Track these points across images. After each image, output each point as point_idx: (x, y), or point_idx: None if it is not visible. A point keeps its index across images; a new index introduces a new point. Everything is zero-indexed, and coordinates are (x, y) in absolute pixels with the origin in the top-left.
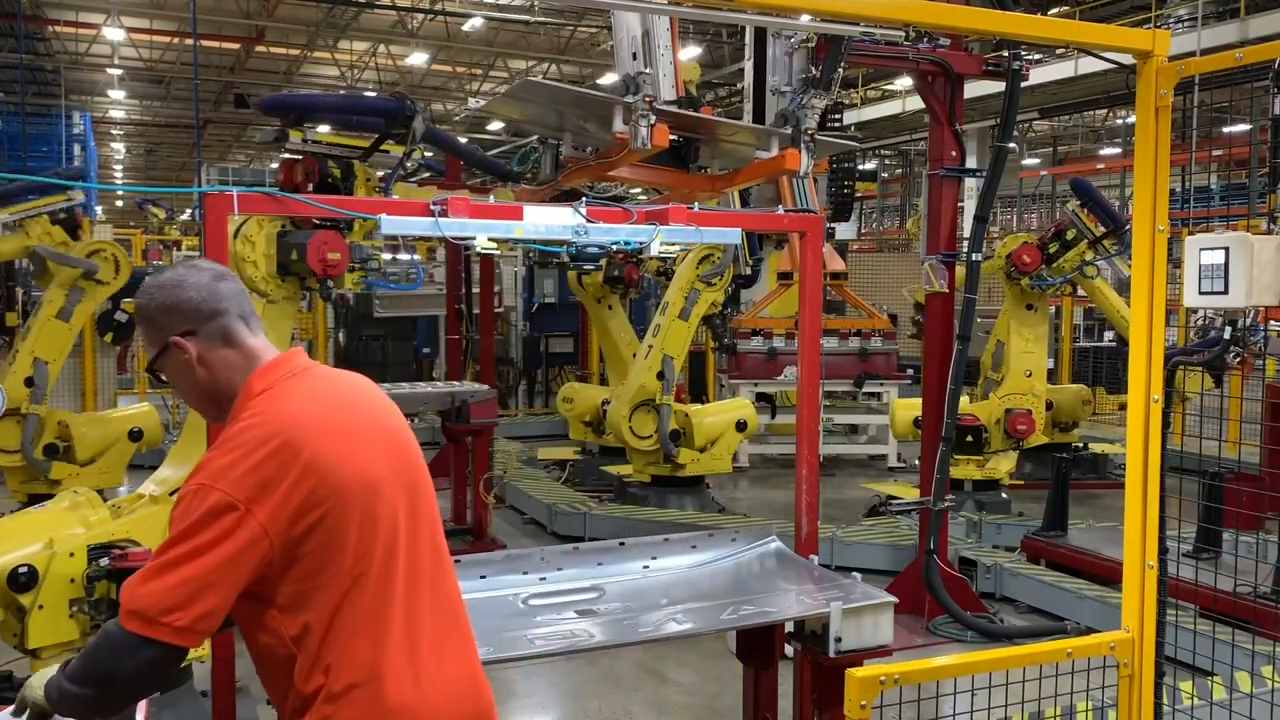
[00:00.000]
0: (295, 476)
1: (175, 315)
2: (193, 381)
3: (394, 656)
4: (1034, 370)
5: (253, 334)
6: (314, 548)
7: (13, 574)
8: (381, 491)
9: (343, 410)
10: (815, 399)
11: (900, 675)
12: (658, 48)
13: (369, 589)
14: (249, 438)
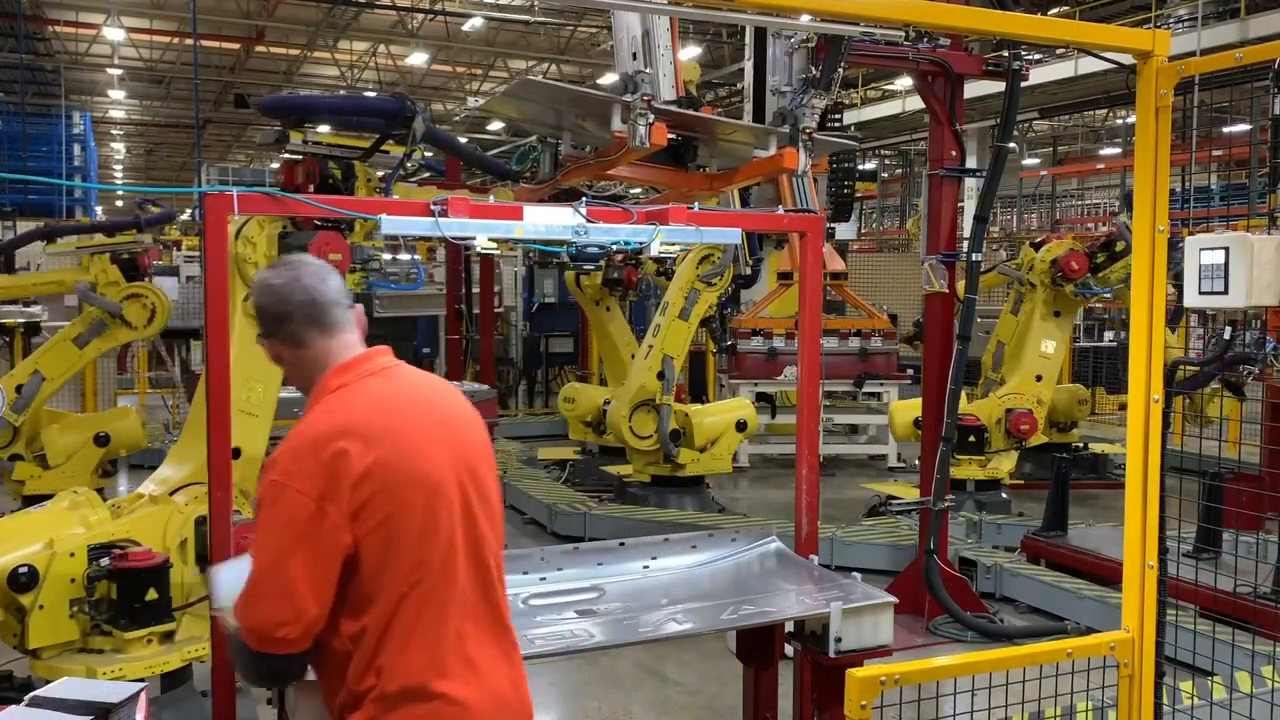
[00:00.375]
0: (357, 477)
1: (257, 318)
2: (285, 372)
3: (445, 663)
4: (1045, 376)
5: (325, 334)
6: (374, 550)
7: (13, 574)
8: (444, 499)
9: (413, 414)
10: (815, 399)
11: (900, 675)
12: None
13: (426, 595)
14: (318, 433)
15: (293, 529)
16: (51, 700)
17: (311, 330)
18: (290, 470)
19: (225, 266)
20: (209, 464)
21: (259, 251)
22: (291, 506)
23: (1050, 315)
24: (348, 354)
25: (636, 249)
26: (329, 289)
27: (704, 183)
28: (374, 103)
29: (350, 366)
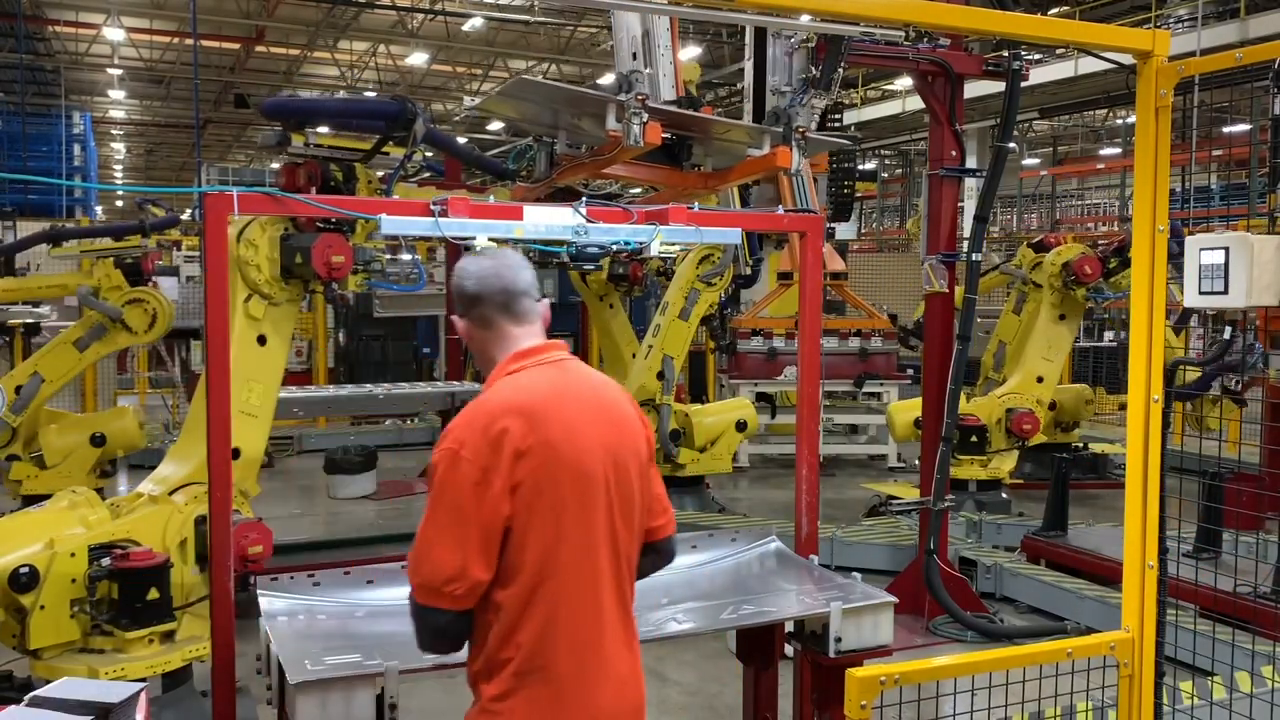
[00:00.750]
0: (518, 453)
1: (455, 297)
2: (471, 349)
3: (577, 647)
4: (1046, 378)
5: (513, 321)
6: (524, 527)
7: (14, 574)
8: (594, 490)
9: (576, 405)
10: (815, 399)
11: (900, 675)
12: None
13: (566, 578)
14: (489, 409)
15: (462, 494)
16: (51, 700)
17: (501, 315)
18: (462, 439)
19: (225, 266)
20: (209, 464)
21: (261, 254)
22: (461, 473)
23: (1056, 318)
24: (529, 342)
25: (637, 249)
26: (521, 281)
27: (699, 181)
28: (375, 105)
29: (529, 353)
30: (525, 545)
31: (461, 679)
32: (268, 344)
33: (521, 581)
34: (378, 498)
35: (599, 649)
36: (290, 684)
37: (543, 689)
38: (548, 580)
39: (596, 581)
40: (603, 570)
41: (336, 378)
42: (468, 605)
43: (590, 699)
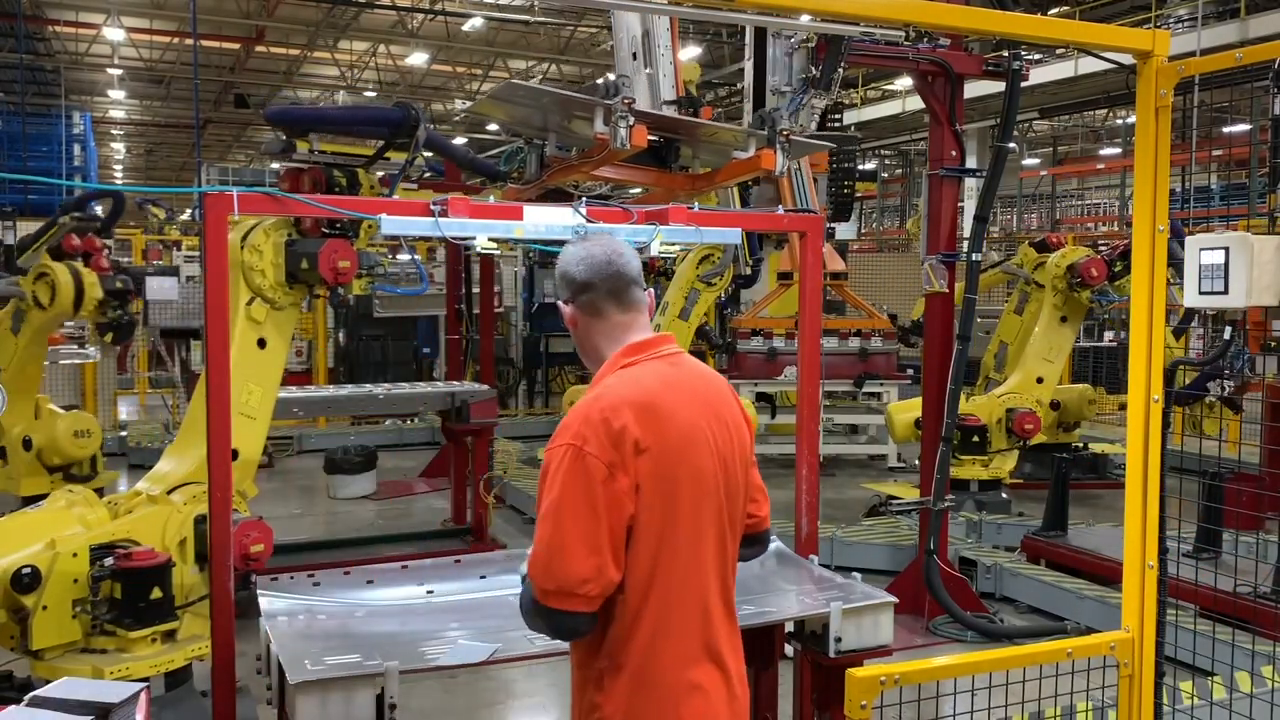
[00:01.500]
0: (639, 450)
1: (561, 283)
2: (574, 336)
3: (693, 649)
4: (1046, 378)
5: (621, 310)
6: (642, 524)
7: (16, 575)
8: (707, 489)
9: (692, 404)
10: (815, 399)
11: (900, 675)
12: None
13: (679, 577)
14: (609, 403)
15: (590, 491)
16: (51, 700)
17: (610, 303)
18: (584, 435)
19: (225, 266)
20: (209, 464)
21: (265, 259)
22: (588, 470)
23: (1058, 320)
24: (639, 334)
25: (637, 248)
26: (632, 268)
27: (686, 183)
28: (379, 113)
29: (643, 346)
30: (641, 543)
31: (462, 679)
32: (268, 347)
33: (637, 582)
34: (378, 498)
35: (715, 654)
36: (290, 684)
37: (660, 694)
38: (660, 580)
39: (708, 584)
40: (711, 572)
41: (336, 378)
42: (598, 606)
43: (708, 704)
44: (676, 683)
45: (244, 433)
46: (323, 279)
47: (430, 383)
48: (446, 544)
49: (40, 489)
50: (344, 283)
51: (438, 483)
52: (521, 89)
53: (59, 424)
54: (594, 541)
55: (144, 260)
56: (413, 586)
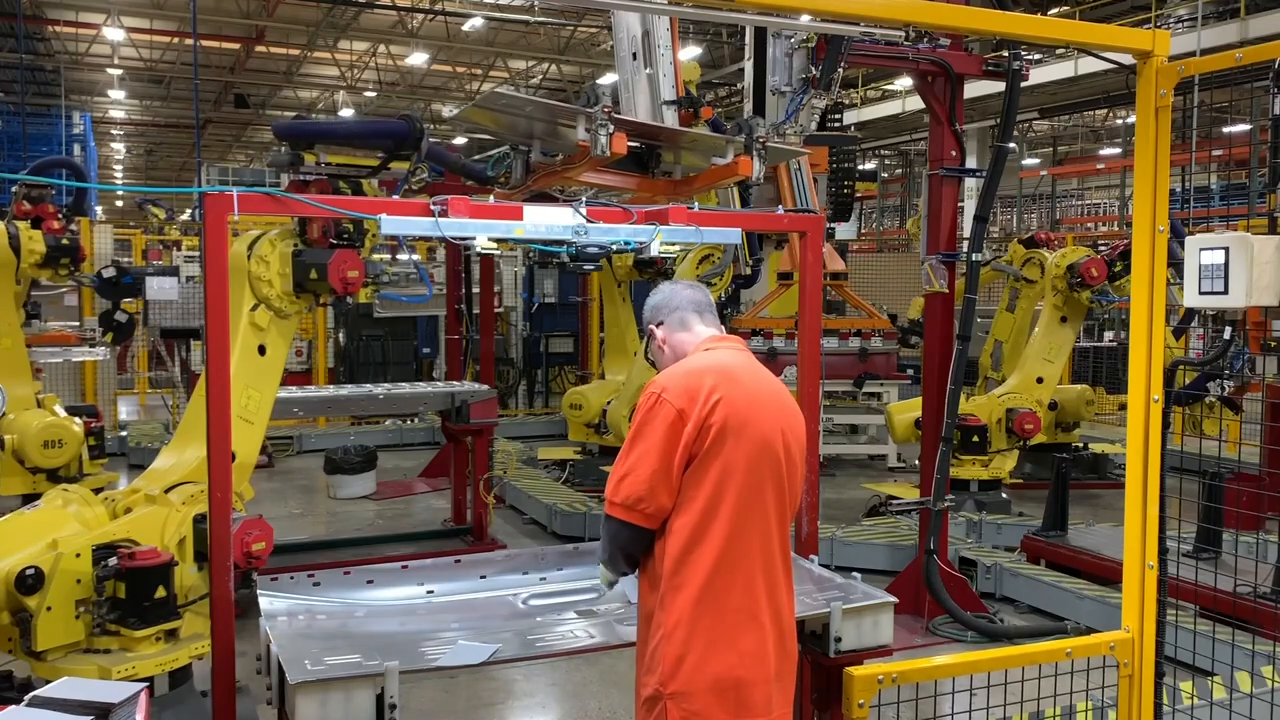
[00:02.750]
0: (712, 404)
1: (653, 313)
2: (662, 358)
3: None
4: (1046, 379)
5: (703, 322)
6: (702, 469)
7: (20, 576)
8: (769, 456)
9: (758, 381)
10: (815, 399)
11: (899, 674)
12: (658, 48)
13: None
14: (693, 365)
15: (662, 429)
16: (51, 700)
17: (693, 317)
18: (666, 384)
19: (225, 266)
20: (209, 465)
21: (272, 269)
22: (664, 413)
23: (1058, 320)
24: (712, 333)
25: (636, 249)
26: (705, 297)
27: (667, 188)
28: (384, 126)
29: (721, 339)
30: (707, 479)
31: (462, 679)
32: (268, 354)
33: (702, 511)
34: (378, 498)
35: (766, 590)
36: (290, 684)
37: (712, 607)
38: (724, 515)
39: (766, 525)
40: (771, 519)
41: (336, 378)
42: (655, 524)
43: (749, 630)
44: (740, 608)
45: (242, 436)
46: (332, 289)
47: (430, 383)
48: (446, 544)
49: (19, 489)
50: (353, 292)
51: (438, 483)
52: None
53: (31, 428)
54: (654, 470)
55: (144, 260)
56: (413, 586)
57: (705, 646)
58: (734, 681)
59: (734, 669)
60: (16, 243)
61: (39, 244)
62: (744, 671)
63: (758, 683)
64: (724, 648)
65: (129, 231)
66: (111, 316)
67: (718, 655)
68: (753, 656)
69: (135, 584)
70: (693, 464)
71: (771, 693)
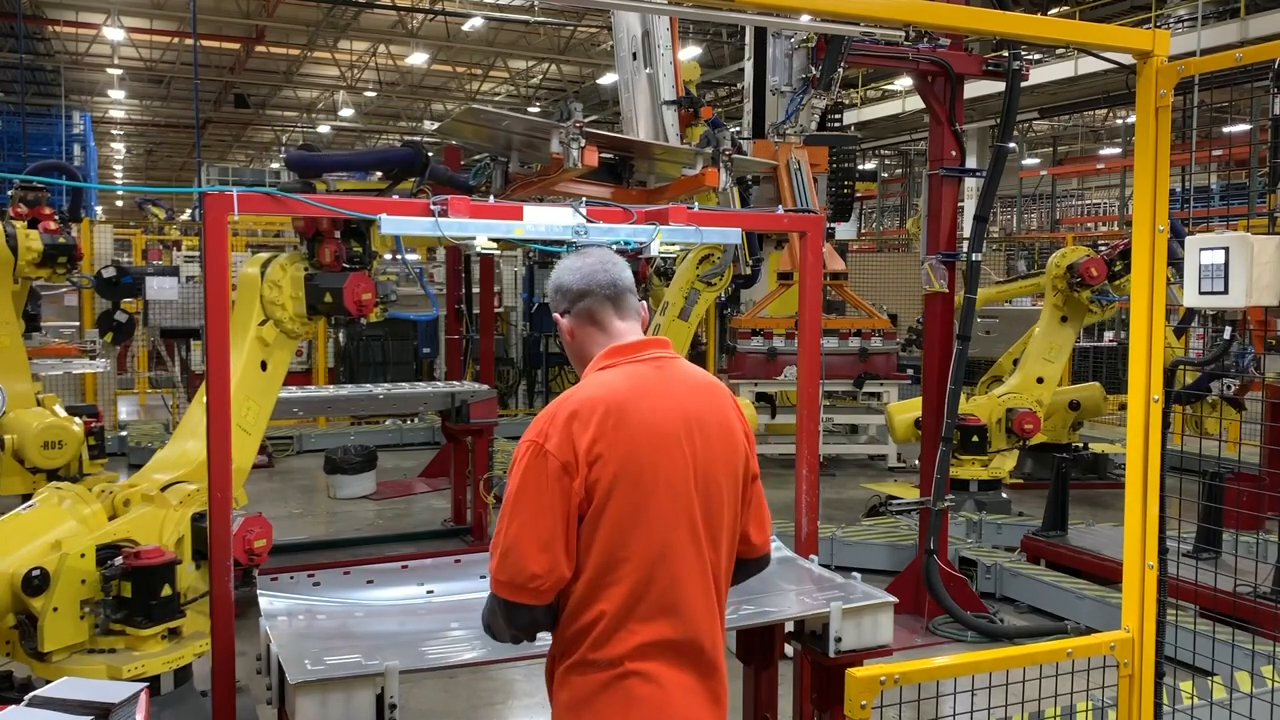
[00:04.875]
0: (594, 453)
1: (557, 296)
2: (570, 350)
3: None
4: (1046, 379)
5: (618, 315)
6: (591, 527)
7: (27, 577)
8: (675, 500)
9: (666, 408)
10: (815, 399)
11: (900, 675)
12: (657, 48)
13: (634, 583)
14: (574, 405)
15: (546, 488)
16: (51, 700)
17: (606, 308)
18: (547, 433)
19: (225, 266)
20: (209, 465)
21: (285, 293)
22: (546, 467)
23: (1058, 320)
24: (629, 339)
25: (636, 249)
26: (626, 277)
27: (641, 198)
28: (393, 155)
29: (625, 350)
30: (600, 536)
31: (462, 679)
32: (269, 369)
33: (594, 573)
34: (378, 498)
35: (671, 643)
36: (290, 684)
37: (598, 678)
38: (620, 574)
39: (672, 580)
40: (682, 571)
41: (336, 378)
42: (550, 600)
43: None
44: (633, 675)
45: (239, 445)
46: (347, 311)
47: (430, 383)
48: (446, 544)
49: (19, 489)
50: (366, 314)
51: (438, 483)
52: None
53: (31, 428)
54: (546, 538)
55: (144, 260)
56: (413, 586)
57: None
58: None
59: None
60: (14, 242)
61: (36, 243)
62: None
63: None
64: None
65: (129, 231)
66: (111, 316)
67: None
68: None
69: (141, 583)
70: (584, 521)
71: None
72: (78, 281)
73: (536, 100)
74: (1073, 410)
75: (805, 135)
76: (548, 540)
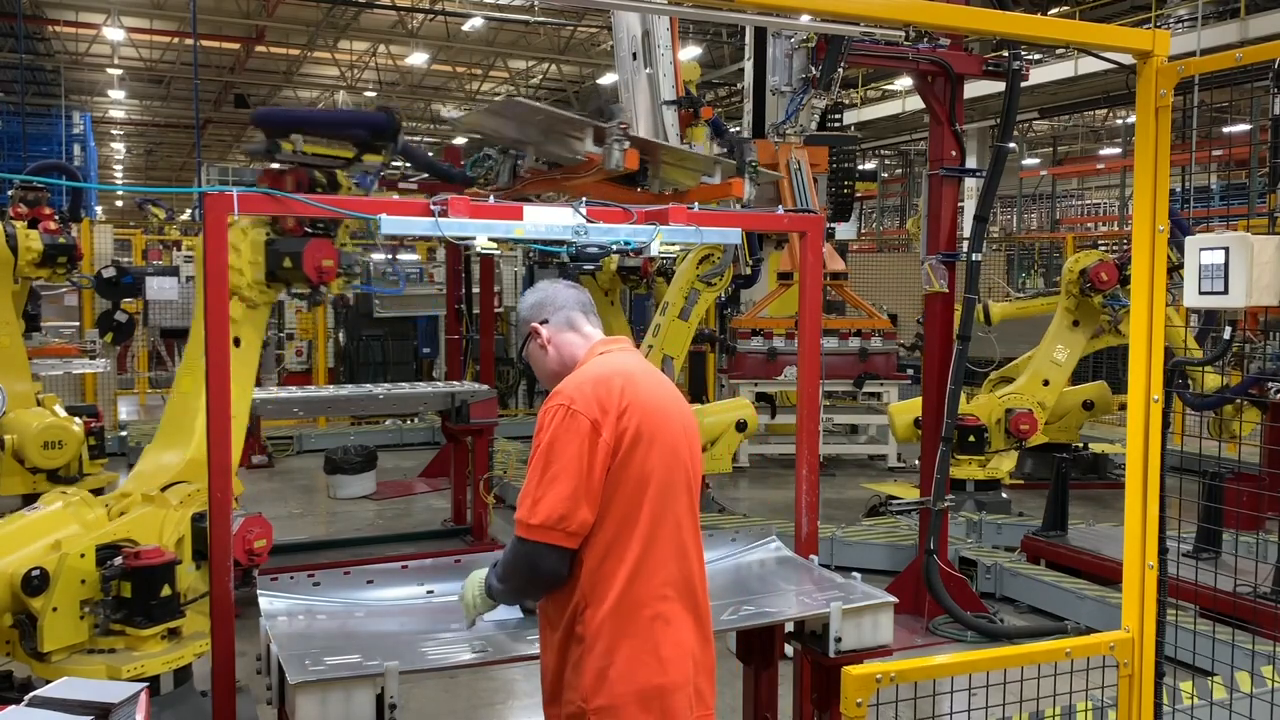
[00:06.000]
0: (622, 410)
1: (534, 315)
2: (546, 359)
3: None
4: (1053, 381)
5: (591, 323)
6: (617, 479)
7: (26, 577)
8: (679, 461)
9: (658, 385)
10: (815, 399)
11: (897, 674)
12: (657, 48)
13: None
14: (598, 372)
15: (576, 443)
16: (51, 700)
17: (580, 317)
18: (574, 396)
19: (225, 266)
20: (209, 465)
21: (244, 258)
22: (576, 424)
23: (1070, 324)
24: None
25: (636, 249)
26: (587, 297)
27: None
28: (363, 116)
29: (612, 342)
30: (620, 489)
31: (462, 679)
32: (243, 345)
33: (616, 521)
34: (378, 498)
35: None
36: (290, 684)
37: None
38: (638, 522)
39: (679, 531)
40: (684, 523)
41: (336, 378)
42: (577, 545)
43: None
44: (658, 615)
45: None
46: (306, 278)
47: (430, 383)
48: (446, 544)
49: (19, 489)
50: (326, 281)
51: (438, 483)
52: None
53: (30, 429)
54: (575, 485)
55: (144, 260)
56: (413, 586)
57: (627, 657)
58: (657, 690)
59: (656, 677)
60: (13, 242)
61: (35, 242)
62: (666, 678)
63: (681, 687)
64: (646, 657)
65: (129, 231)
66: (111, 316)
67: (641, 665)
68: (674, 662)
69: (141, 583)
70: (608, 474)
71: (691, 695)
72: (78, 281)
73: (536, 100)
74: (1087, 410)
75: (805, 135)
76: (580, 488)
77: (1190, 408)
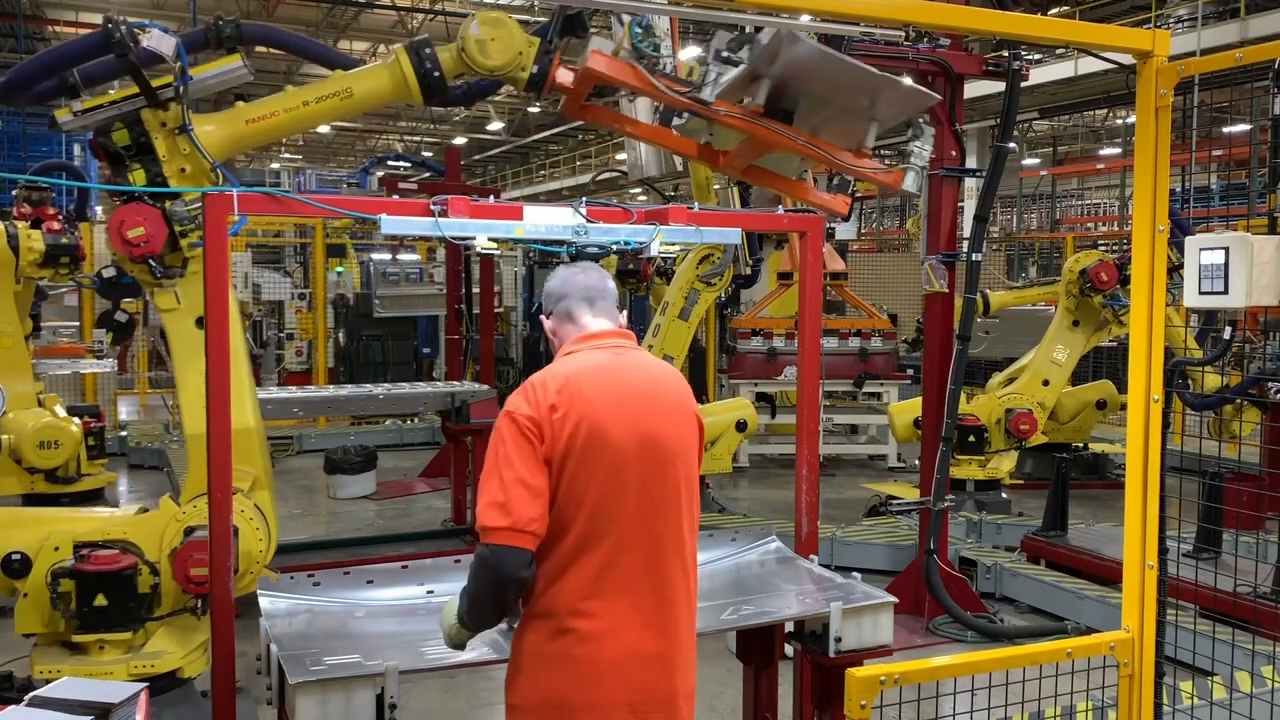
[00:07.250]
0: (558, 419)
1: (544, 301)
2: (552, 347)
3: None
4: (1053, 381)
5: (592, 314)
6: (557, 483)
7: (6, 559)
8: (626, 466)
9: (616, 386)
10: (815, 399)
11: (900, 675)
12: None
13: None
14: (541, 378)
15: (518, 445)
16: (51, 700)
17: (581, 307)
18: (514, 404)
19: (226, 266)
20: (209, 465)
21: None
22: (520, 432)
23: (1070, 324)
24: (596, 329)
25: (637, 249)
26: (607, 285)
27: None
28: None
29: (590, 337)
30: (562, 496)
31: (462, 679)
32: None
33: (554, 533)
34: (378, 498)
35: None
36: (290, 684)
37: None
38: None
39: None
40: (632, 546)
41: (336, 378)
42: (536, 546)
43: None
44: (578, 630)
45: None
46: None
47: (430, 383)
48: (446, 544)
49: (16, 489)
50: (152, 254)
51: (438, 483)
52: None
53: (27, 428)
54: (533, 487)
55: None
56: (413, 586)
57: (540, 664)
58: (564, 702)
59: (572, 692)
60: (15, 242)
61: (38, 243)
62: (581, 695)
63: (601, 709)
64: (562, 668)
65: None
66: (111, 316)
67: (553, 676)
68: (599, 680)
69: (86, 586)
70: (560, 477)
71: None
72: (80, 281)
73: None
74: (1100, 409)
75: None
76: (536, 489)
77: (1190, 408)
